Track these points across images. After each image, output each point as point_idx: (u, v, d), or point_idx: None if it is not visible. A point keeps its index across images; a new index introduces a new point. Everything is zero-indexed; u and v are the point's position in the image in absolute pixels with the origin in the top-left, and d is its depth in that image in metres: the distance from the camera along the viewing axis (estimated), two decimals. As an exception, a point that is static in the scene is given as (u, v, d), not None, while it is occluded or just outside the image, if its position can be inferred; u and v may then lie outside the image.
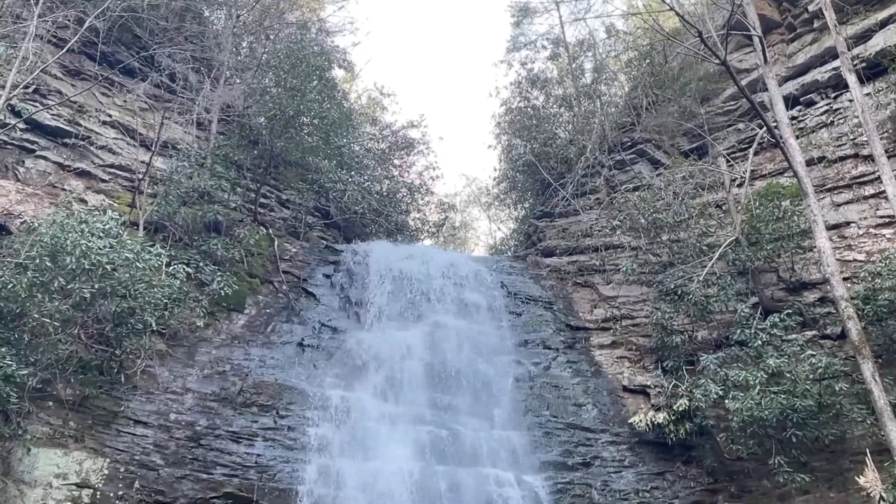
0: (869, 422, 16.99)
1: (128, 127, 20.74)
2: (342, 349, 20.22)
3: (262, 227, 22.06)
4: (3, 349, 13.79)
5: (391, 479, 17.57)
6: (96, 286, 14.94)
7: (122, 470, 15.46)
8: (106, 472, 15.26)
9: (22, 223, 16.16)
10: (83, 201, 18.27)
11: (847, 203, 20.28)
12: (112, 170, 19.90)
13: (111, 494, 15.13)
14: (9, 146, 18.40)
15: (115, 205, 18.76)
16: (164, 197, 19.49)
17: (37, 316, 14.62)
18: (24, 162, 18.51)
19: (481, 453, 18.94)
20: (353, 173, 26.94)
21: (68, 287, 14.80)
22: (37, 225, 15.33)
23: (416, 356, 20.62)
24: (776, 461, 17.19)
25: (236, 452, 16.82)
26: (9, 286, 14.15)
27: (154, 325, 16.06)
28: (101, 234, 15.08)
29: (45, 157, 18.85)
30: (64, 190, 18.59)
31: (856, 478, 15.60)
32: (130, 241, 15.72)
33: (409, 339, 20.83)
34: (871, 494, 14.99)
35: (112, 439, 15.74)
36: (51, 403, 15.26)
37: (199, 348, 18.16)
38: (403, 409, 19.28)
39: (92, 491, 14.99)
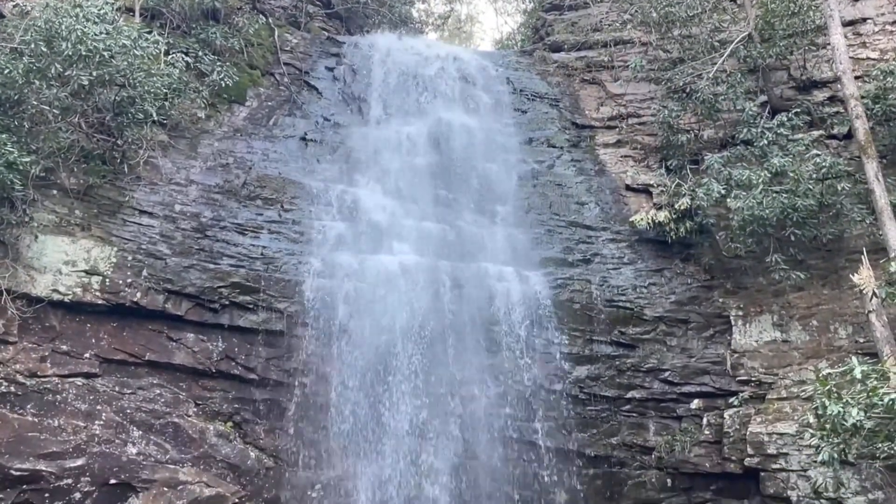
0: (868, 221, 17.14)
1: None
2: (345, 144, 20.11)
3: (261, 16, 21.41)
4: (3, 136, 13.71)
5: (394, 272, 17.93)
6: (94, 73, 14.68)
7: (129, 258, 15.74)
8: (114, 260, 15.54)
9: (14, 6, 15.66)
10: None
11: (865, -3, 19.61)
12: (104, -46, 19.11)
13: (120, 282, 15.46)
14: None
15: (110, -10, 18.12)
16: (159, -20, 18.80)
17: (35, 103, 14.43)
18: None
19: (484, 249, 19.22)
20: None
21: (66, 74, 14.56)
22: (30, 8, 14.88)
23: (419, 152, 20.54)
24: (773, 259, 17.46)
25: (242, 244, 17.06)
26: (5, 71, 13.90)
27: (155, 115, 15.92)
28: (97, 20, 14.65)
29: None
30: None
31: (850, 276, 15.85)
32: (127, 28, 15.32)
33: (413, 134, 20.67)
34: (864, 291, 15.26)
35: (118, 228, 15.92)
36: (55, 192, 15.34)
37: (202, 140, 18.05)
38: (407, 205, 19.40)
39: (101, 278, 15.32)
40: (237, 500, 15.45)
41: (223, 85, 18.34)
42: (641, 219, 19.36)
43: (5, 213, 14.36)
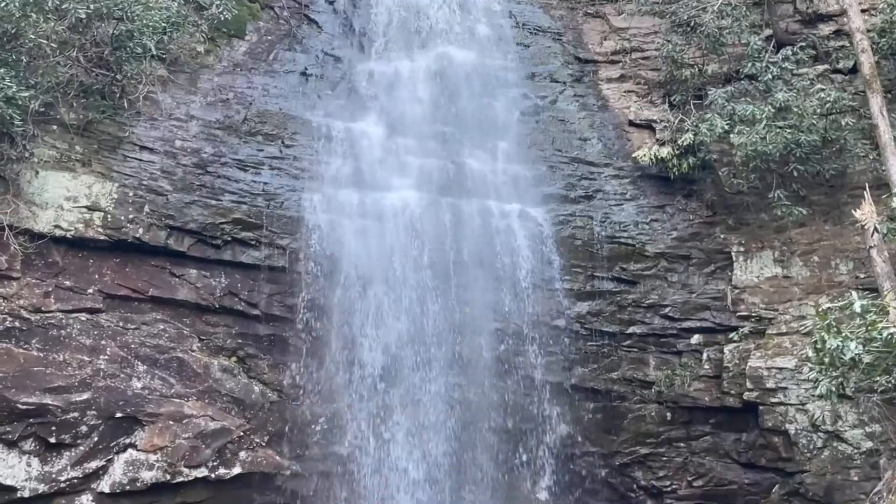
0: (871, 157, 17.10)
1: None
2: (346, 79, 19.92)
3: (260, -53, 21.04)
4: (1, 70, 13.60)
5: (395, 209, 17.93)
6: (91, 7, 14.52)
7: (130, 194, 15.71)
8: (115, 196, 15.52)
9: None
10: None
11: (876, -76, 19.22)
12: None
13: (122, 218, 15.46)
14: None
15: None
16: None
17: (33, 37, 14.27)
18: None
19: (485, 186, 19.17)
20: None
21: (63, 7, 14.42)
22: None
23: (420, 88, 20.34)
24: (776, 195, 17.42)
25: (243, 180, 17.01)
26: (2, 4, 13.74)
27: (153, 49, 15.77)
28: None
29: None
30: None
31: (852, 211, 15.83)
32: (123, -40, 15.10)
33: (414, 69, 20.44)
34: (866, 227, 15.26)
35: (119, 164, 15.86)
36: (55, 127, 15.25)
37: (201, 75, 17.87)
38: (408, 142, 19.28)
39: (103, 214, 15.31)
40: (242, 434, 15.66)
41: (222, 18, 18.06)
42: (644, 155, 19.25)
43: (5, 149, 14.30)
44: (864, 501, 14.71)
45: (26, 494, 13.80)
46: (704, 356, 18.01)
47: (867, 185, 15.95)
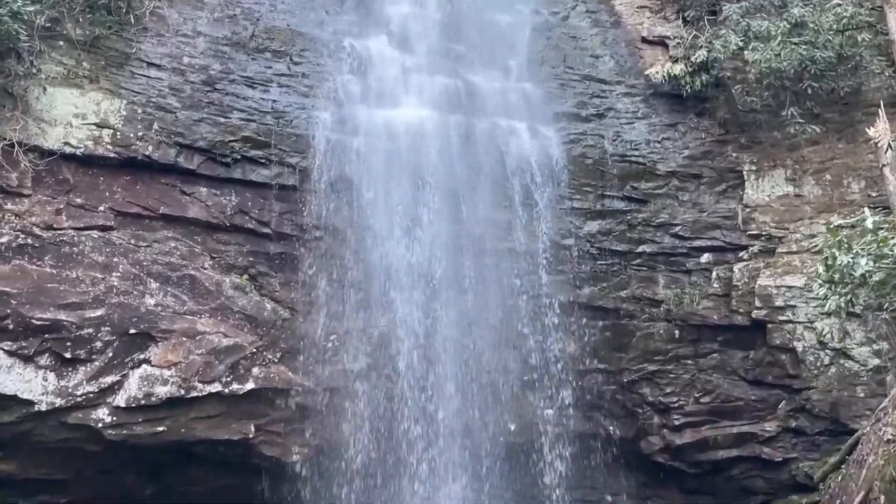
0: (887, 74, 16.93)
1: None
2: (355, -6, 19.61)
3: None
4: (4, -18, 13.47)
5: (405, 127, 17.80)
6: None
7: (139, 112, 15.61)
8: (124, 113, 15.42)
9: None
10: None
11: None
12: None
13: (131, 135, 15.39)
14: None
15: None
16: None
17: (37, -50, 14.09)
18: None
19: (496, 104, 18.99)
20: None
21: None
22: None
23: (430, 4, 20.11)
24: (789, 113, 17.27)
25: (252, 98, 16.86)
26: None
27: (158, -38, 15.57)
28: None
29: None
30: None
31: (866, 129, 15.68)
32: None
33: (424, -16, 20.13)
34: (879, 145, 15.12)
35: (127, 81, 15.73)
36: (62, 43, 15.09)
37: (207, -10, 17.60)
38: (418, 59, 19.04)
39: (112, 131, 15.24)
40: (255, 350, 15.82)
41: (228, -69, 17.75)
42: (657, 72, 19.01)
43: (12, 65, 14.18)
44: (869, 417, 14.86)
45: (43, 408, 14.02)
46: (714, 275, 18.06)
47: (882, 102, 15.74)
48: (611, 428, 18.03)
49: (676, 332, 18.04)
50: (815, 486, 15.59)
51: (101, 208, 15.13)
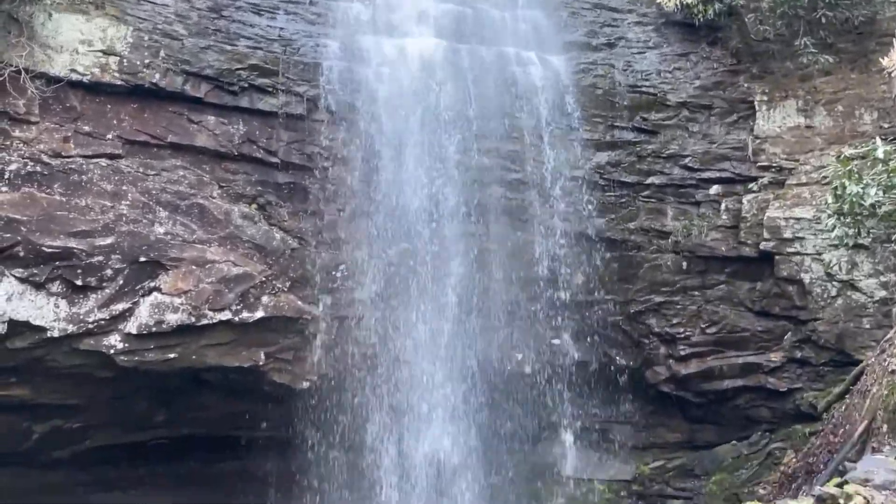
0: (903, 2, 16.67)
1: None
2: (361, -81, 19.23)
3: None
4: None
5: (413, 55, 17.63)
6: None
7: (146, 39, 15.46)
8: (130, 40, 15.26)
9: None
10: None
11: None
12: None
13: (137, 62, 15.26)
14: None
15: None
16: None
17: None
18: None
19: (504, 33, 18.81)
20: None
21: None
22: None
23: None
24: (802, 42, 17.06)
25: (258, 25, 16.70)
26: None
27: None
28: None
29: None
30: None
31: (880, 59, 15.46)
32: None
33: None
34: (893, 75, 14.93)
35: (132, 7, 15.52)
36: (66, -32, 14.95)
37: None
38: (426, -14, 18.83)
39: (118, 58, 15.10)
40: (264, 279, 15.89)
41: None
42: (669, 0, 18.73)
43: (17, -10, 14.07)
44: (874, 349, 14.95)
45: (56, 334, 14.15)
46: (722, 206, 18.01)
47: (896, 32, 15.57)
48: (617, 358, 18.17)
49: (684, 263, 18.06)
50: (818, 416, 15.78)
51: (109, 136, 15.08)
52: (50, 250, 14.00)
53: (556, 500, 17.23)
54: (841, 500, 7.24)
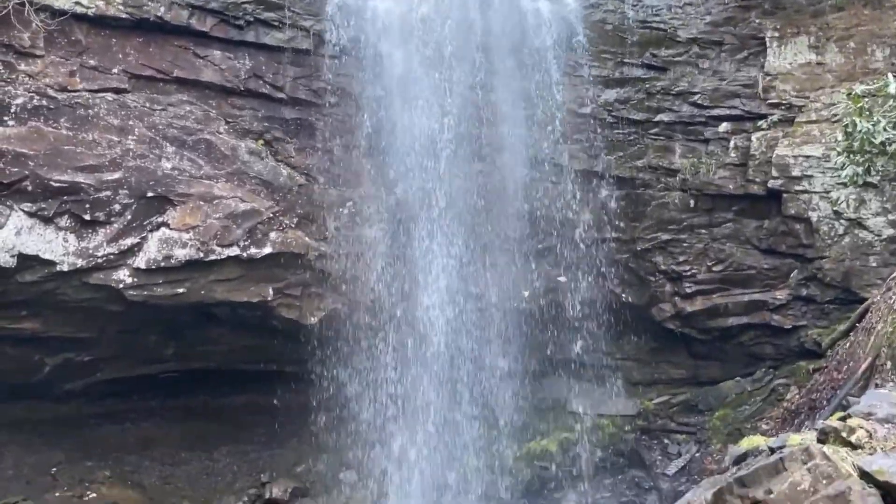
0: (921, -64, 16.34)
1: None
2: None
3: None
4: None
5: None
6: None
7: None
8: (135, -28, 15.10)
9: None
10: None
11: None
12: None
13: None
14: None
15: None
16: None
17: None
18: None
19: (513, -34, 18.52)
20: None
21: None
22: None
23: None
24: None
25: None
26: None
27: None
28: None
29: None
30: None
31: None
32: None
33: None
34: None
35: (137, -61, 15.36)
36: None
37: None
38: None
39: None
40: (271, 215, 15.92)
41: None
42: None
43: (19, -79, 13.86)
44: (880, 286, 14.99)
45: (65, 268, 14.25)
46: (731, 144, 17.90)
47: (912, -35, 15.32)
48: (623, 295, 18.26)
49: (691, 201, 18.02)
50: (822, 353, 15.86)
51: (115, 70, 14.99)
52: (58, 185, 14.03)
53: (561, 435, 17.43)
54: (843, 433, 7.27)
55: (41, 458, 16.25)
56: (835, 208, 16.38)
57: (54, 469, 16.18)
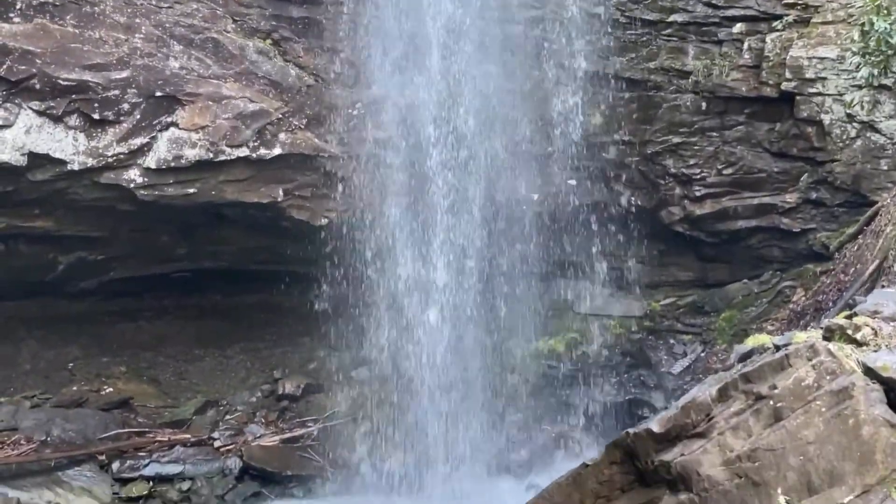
0: None
1: None
2: None
3: None
4: None
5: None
6: None
7: None
8: None
9: None
10: None
11: None
12: None
13: None
14: None
15: None
16: None
17: None
18: None
19: None
20: None
21: None
22: None
23: None
24: None
25: None
26: None
27: None
28: None
29: None
30: None
31: None
32: None
33: None
34: None
35: None
36: None
37: None
38: None
39: None
40: (280, 116, 15.82)
41: None
42: None
43: None
44: (890, 189, 15.00)
45: (76, 167, 14.31)
46: (745, 45, 17.59)
47: None
48: (632, 198, 18.25)
49: (703, 103, 17.82)
50: (830, 256, 15.95)
51: (120, -34, 14.75)
52: (65, 83, 13.94)
53: (568, 335, 17.69)
54: (849, 331, 7.38)
55: (58, 354, 16.64)
56: (847, 111, 16.22)
57: (71, 364, 16.59)
